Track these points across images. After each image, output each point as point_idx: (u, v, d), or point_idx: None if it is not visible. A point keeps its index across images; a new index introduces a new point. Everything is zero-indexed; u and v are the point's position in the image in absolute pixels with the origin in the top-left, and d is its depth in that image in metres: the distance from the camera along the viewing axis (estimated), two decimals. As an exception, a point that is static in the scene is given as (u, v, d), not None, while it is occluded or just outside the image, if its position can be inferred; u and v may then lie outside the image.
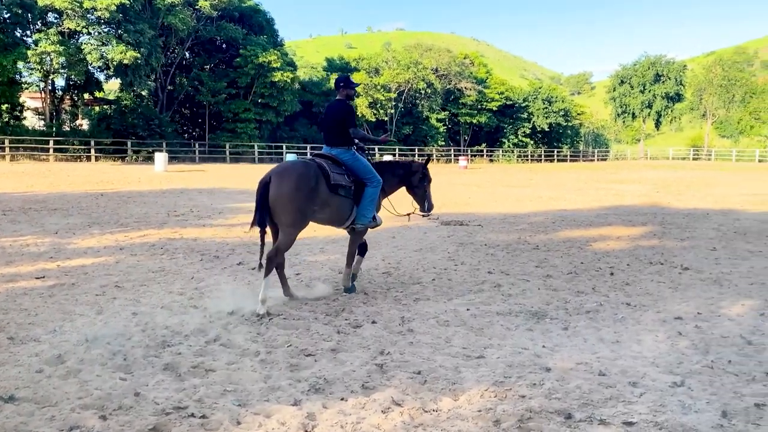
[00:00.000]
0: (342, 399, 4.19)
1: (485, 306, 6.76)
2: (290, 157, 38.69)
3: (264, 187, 6.24)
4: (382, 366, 4.81)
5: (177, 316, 6.05)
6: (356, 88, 7.20)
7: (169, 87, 50.34)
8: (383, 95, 56.30)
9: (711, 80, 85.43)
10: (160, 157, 33.31)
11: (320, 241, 10.94)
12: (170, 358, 4.90)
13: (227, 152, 47.95)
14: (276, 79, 48.40)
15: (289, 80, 49.20)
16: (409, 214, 7.79)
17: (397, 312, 6.39)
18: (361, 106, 54.69)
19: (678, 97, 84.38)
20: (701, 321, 6.28)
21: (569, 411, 4.02)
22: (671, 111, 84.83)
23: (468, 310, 6.57)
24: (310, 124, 56.74)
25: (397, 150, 55.58)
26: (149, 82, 47.20)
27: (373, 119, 56.52)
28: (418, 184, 7.46)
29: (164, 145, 44.01)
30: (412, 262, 9.17)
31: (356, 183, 6.87)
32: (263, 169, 9.26)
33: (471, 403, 4.14)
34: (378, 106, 56.36)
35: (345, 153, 6.86)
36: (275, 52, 49.01)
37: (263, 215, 6.25)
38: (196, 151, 47.20)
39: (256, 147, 49.02)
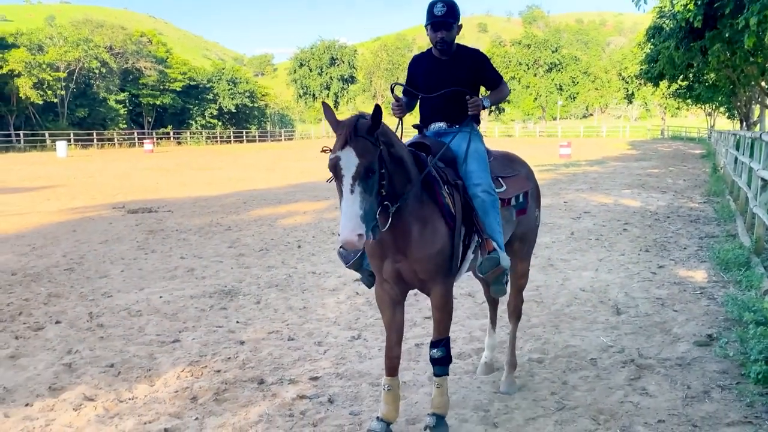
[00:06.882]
0: (27, 405, 3.95)
1: (178, 291, 6.79)
2: None
3: None
4: (71, 365, 4.61)
5: None
6: (427, 25, 3.79)
7: None
8: (50, 75, 50.68)
9: (378, 64, 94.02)
10: None
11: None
12: None
13: None
14: None
15: None
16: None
17: (84, 309, 6.08)
18: (25, 87, 48.43)
19: (352, 80, 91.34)
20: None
21: (262, 377, 4.36)
22: (347, 92, 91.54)
23: (161, 297, 6.53)
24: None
25: (72, 135, 50.55)
26: None
27: (41, 101, 50.52)
28: None
29: None
30: (98, 256, 8.68)
31: None
32: None
33: (168, 386, 4.23)
34: (45, 86, 50.59)
35: None
36: None
37: None
38: None
39: None
